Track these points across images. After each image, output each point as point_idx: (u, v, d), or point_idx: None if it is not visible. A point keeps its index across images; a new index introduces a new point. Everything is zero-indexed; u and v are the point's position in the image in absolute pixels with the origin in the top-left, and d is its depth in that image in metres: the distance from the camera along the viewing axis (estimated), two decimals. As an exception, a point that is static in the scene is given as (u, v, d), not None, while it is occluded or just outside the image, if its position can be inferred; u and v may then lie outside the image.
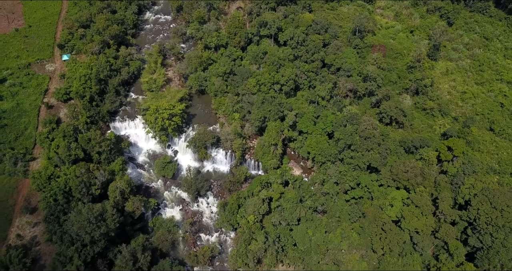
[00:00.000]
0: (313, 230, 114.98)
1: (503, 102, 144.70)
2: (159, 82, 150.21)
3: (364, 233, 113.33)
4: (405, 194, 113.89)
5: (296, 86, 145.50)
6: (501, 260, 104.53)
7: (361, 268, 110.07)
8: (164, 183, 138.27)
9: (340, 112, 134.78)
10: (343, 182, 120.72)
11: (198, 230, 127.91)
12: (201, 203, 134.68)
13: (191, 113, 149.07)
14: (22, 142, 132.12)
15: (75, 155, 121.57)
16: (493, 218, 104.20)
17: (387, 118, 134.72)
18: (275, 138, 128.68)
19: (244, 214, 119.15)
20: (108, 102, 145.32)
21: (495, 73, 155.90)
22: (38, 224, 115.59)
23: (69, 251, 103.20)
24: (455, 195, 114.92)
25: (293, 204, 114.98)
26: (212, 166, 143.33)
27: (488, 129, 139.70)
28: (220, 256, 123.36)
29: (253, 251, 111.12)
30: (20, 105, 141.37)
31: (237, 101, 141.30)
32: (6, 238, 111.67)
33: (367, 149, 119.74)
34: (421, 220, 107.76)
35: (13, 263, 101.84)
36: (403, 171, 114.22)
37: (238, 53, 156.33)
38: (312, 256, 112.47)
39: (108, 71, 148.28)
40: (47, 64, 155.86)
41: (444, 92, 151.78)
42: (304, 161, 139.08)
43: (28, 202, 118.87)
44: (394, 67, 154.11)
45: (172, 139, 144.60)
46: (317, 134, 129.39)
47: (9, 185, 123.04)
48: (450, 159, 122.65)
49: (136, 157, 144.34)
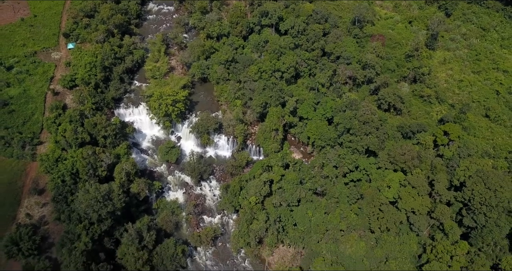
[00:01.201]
0: (313, 211, 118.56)
1: (499, 90, 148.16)
2: (163, 70, 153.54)
3: (362, 213, 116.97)
4: (402, 176, 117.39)
5: (296, 74, 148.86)
6: (494, 238, 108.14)
7: (360, 247, 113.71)
8: (168, 168, 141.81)
9: (340, 99, 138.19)
10: (342, 165, 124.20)
11: (201, 212, 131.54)
12: (204, 186, 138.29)
13: (193, 101, 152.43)
14: (30, 126, 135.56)
15: (82, 139, 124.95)
16: (487, 198, 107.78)
17: (385, 105, 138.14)
18: (276, 123, 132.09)
19: (246, 195, 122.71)
20: (112, 89, 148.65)
21: (491, 62, 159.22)
22: (46, 205, 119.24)
23: (77, 229, 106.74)
24: (451, 177, 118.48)
25: (293, 185, 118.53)
26: (214, 151, 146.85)
27: (484, 116, 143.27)
28: (222, 237, 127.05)
29: (254, 231, 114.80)
30: (27, 91, 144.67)
31: (239, 88, 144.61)
32: (16, 218, 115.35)
33: (365, 133, 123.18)
34: (417, 200, 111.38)
35: (23, 240, 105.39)
36: (400, 154, 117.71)
37: (240, 42, 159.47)
38: (312, 235, 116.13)
39: (113, 59, 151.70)
40: (53, 52, 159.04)
41: (441, 81, 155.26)
42: (304, 146, 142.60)
43: (36, 184, 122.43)
44: (393, 56, 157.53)
45: (175, 125, 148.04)
46: (317, 120, 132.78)
47: (18, 167, 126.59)
48: (446, 143, 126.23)
49: (140, 143, 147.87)
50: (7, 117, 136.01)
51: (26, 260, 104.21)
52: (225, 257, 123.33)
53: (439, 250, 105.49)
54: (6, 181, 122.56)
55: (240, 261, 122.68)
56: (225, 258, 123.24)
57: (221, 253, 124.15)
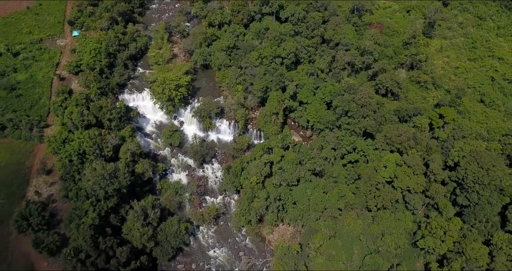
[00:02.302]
0: (312, 190, 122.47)
1: (494, 76, 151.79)
2: (166, 56, 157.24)
3: (360, 192, 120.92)
4: (399, 157, 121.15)
5: (296, 60, 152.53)
6: (487, 215, 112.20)
7: (357, 225, 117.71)
8: (171, 151, 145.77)
9: (338, 84, 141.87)
10: (340, 147, 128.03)
11: (204, 193, 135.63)
12: (206, 169, 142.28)
13: (196, 87, 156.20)
14: (37, 110, 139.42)
15: (88, 121, 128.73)
16: (480, 177, 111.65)
17: (382, 89, 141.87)
18: (276, 107, 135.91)
19: (247, 176, 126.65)
20: (117, 75, 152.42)
21: (487, 50, 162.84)
22: (54, 184, 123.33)
23: (85, 205, 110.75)
24: (445, 158, 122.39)
25: (293, 165, 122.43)
26: (216, 136, 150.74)
27: (478, 101, 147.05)
28: (224, 216, 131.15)
29: (255, 208, 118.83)
30: (34, 77, 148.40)
31: (240, 74, 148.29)
32: (25, 196, 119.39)
33: (363, 116, 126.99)
34: (413, 179, 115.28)
35: (33, 215, 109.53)
36: (396, 135, 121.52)
37: (241, 30, 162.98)
38: (311, 214, 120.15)
39: (117, 46, 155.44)
40: (58, 39, 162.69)
41: (438, 68, 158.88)
42: (304, 130, 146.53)
43: (44, 164, 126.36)
44: (391, 44, 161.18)
45: (178, 110, 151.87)
46: (316, 104, 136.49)
47: (26, 149, 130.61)
48: (441, 126, 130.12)
49: (144, 127, 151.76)
50: (15, 101, 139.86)
51: (35, 235, 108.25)
52: (226, 235, 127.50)
53: (433, 226, 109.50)
54: (15, 161, 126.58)
55: (241, 239, 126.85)
56: (227, 236, 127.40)
57: (223, 231, 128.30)
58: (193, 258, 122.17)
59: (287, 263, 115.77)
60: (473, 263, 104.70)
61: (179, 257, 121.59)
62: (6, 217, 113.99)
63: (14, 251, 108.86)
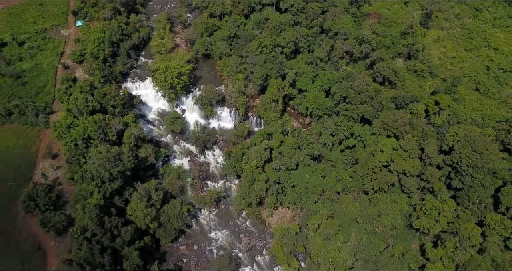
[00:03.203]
0: (310, 174, 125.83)
1: (489, 66, 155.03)
2: (168, 45, 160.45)
3: (357, 176, 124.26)
4: (395, 142, 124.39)
5: (296, 50, 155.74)
6: (480, 197, 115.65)
7: (354, 207, 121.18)
8: (173, 138, 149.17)
9: (337, 72, 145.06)
10: (338, 132, 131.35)
11: (205, 177, 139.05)
12: (207, 155, 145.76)
13: (197, 76, 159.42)
14: (42, 97, 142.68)
15: (92, 107, 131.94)
16: (473, 160, 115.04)
17: (380, 78, 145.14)
18: (276, 94, 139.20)
19: (247, 160, 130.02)
20: (120, 64, 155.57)
21: (483, 40, 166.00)
22: (60, 168, 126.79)
23: (90, 186, 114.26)
24: (440, 143, 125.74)
25: (292, 149, 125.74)
26: (217, 123, 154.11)
27: (474, 89, 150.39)
28: (225, 200, 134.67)
29: (255, 191, 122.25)
30: (39, 65, 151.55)
31: (241, 62, 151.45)
32: (32, 178, 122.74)
33: (360, 102, 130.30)
34: (408, 162, 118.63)
35: (40, 196, 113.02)
36: (393, 120, 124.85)
37: (242, 20, 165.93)
38: (309, 196, 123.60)
39: (120, 35, 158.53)
40: (62, 29, 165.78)
41: (434, 58, 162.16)
42: (303, 118, 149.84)
43: (50, 149, 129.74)
44: (388, 34, 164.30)
45: (180, 98, 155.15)
46: (315, 91, 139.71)
47: (32, 134, 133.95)
48: (437, 112, 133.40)
49: (147, 115, 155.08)
50: (21, 88, 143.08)
51: (43, 215, 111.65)
52: (227, 218, 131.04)
53: (428, 207, 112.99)
54: (21, 146, 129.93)
55: (242, 222, 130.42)
56: (228, 219, 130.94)
57: (224, 214, 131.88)
58: (195, 239, 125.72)
59: (286, 243, 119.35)
60: (466, 242, 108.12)
61: (182, 238, 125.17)
62: (14, 198, 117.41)
63: (22, 231, 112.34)
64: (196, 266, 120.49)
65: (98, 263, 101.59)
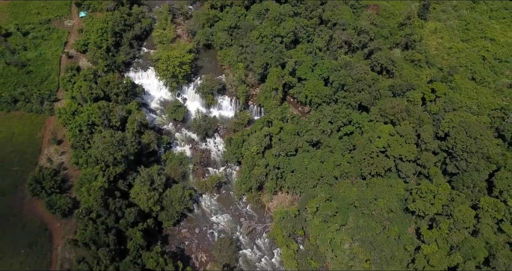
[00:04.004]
0: (309, 160, 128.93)
1: (485, 56, 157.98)
2: (170, 36, 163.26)
3: (355, 161, 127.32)
4: (392, 128, 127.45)
5: (295, 40, 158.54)
6: (474, 180, 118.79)
7: (352, 192, 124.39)
8: (175, 126, 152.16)
9: (336, 61, 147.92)
10: (336, 120, 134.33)
11: (206, 164, 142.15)
12: (208, 142, 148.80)
13: (198, 65, 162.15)
14: (47, 85, 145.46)
15: (96, 94, 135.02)
16: (468, 145, 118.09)
17: (378, 67, 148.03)
18: (276, 83, 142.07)
19: (248, 147, 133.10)
20: (122, 53, 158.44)
21: (479, 32, 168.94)
22: (65, 153, 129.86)
23: (95, 170, 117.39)
24: (436, 129, 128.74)
25: (291, 135, 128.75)
26: (218, 112, 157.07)
27: (470, 79, 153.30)
28: (226, 186, 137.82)
29: (255, 175, 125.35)
30: (43, 55, 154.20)
31: (241, 52, 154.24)
32: (37, 163, 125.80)
33: (358, 90, 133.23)
34: (405, 147, 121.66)
35: (46, 179, 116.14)
36: (390, 107, 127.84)
37: (242, 11, 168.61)
38: (308, 181, 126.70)
39: (123, 26, 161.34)
40: (66, 20, 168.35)
41: (432, 48, 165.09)
42: (302, 106, 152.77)
43: (55, 135, 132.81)
44: (386, 25, 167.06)
45: (181, 87, 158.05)
46: (314, 80, 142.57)
47: (37, 121, 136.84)
48: (433, 99, 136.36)
49: (149, 103, 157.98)
50: (26, 77, 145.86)
51: (48, 198, 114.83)
52: (228, 203, 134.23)
53: (423, 190, 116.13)
54: (27, 132, 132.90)
55: (242, 206, 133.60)
56: (229, 203, 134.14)
57: (224, 199, 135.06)
58: (196, 223, 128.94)
59: (285, 226, 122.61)
60: (460, 224, 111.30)
61: (183, 222, 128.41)
62: (20, 182, 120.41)
63: (29, 213, 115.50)
64: (198, 248, 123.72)
65: (103, 242, 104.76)
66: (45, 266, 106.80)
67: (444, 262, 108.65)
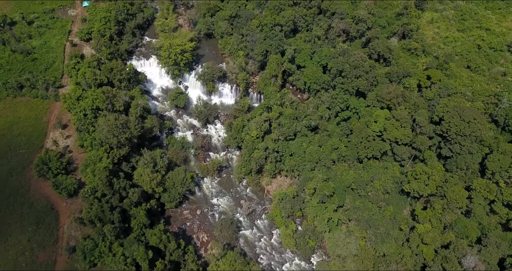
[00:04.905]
0: (307, 144, 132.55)
1: (480, 45, 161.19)
2: (172, 25, 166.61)
3: (352, 145, 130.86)
4: (388, 112, 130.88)
5: (295, 29, 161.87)
6: (467, 163, 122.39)
7: (349, 175, 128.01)
8: (177, 112, 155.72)
9: (334, 49, 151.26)
10: (334, 105, 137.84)
11: (208, 149, 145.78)
12: (209, 128, 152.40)
13: (200, 54, 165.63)
14: (51, 72, 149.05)
15: (100, 80, 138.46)
16: (462, 129, 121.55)
17: (375, 55, 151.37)
18: (275, 69, 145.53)
19: (248, 131, 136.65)
20: (125, 42, 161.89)
21: (475, 22, 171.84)
22: (70, 137, 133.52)
23: (99, 152, 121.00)
24: (431, 114, 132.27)
25: (290, 120, 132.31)
26: (219, 99, 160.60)
27: (465, 67, 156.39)
28: (226, 170, 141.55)
29: (255, 158, 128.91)
30: (47, 43, 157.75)
31: (241, 41, 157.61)
32: (43, 146, 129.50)
33: (355, 76, 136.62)
34: (400, 131, 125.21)
35: (52, 161, 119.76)
36: (387, 92, 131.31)
37: (243, 1, 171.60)
38: (306, 164, 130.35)
39: (125, 15, 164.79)
40: (69, 10, 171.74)
41: (428, 38, 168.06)
42: (301, 93, 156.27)
43: (60, 119, 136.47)
44: (384, 15, 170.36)
45: (183, 75, 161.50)
46: (313, 67, 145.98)
47: (43, 106, 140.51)
48: (429, 86, 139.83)
49: (151, 91, 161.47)
50: (31, 64, 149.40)
51: (55, 178, 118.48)
52: (229, 186, 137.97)
53: (418, 172, 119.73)
54: (33, 116, 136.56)
55: (242, 189, 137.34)
56: (229, 186, 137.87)
57: (225, 182, 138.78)
58: (198, 205, 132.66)
59: (284, 207, 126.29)
60: (453, 203, 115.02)
61: (185, 204, 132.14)
62: (27, 164, 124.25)
63: (36, 193, 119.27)
64: (199, 229, 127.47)
65: (108, 219, 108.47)
66: (52, 243, 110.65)
67: (437, 240, 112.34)
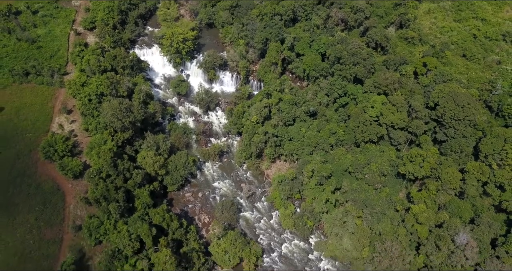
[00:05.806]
0: (306, 129, 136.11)
1: (476, 34, 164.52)
2: (173, 14, 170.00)
3: (349, 129, 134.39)
4: (385, 98, 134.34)
5: (294, 18, 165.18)
6: (461, 146, 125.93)
7: (346, 159, 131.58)
8: (179, 100, 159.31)
9: (332, 37, 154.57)
10: (332, 92, 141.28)
11: (209, 135, 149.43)
12: (211, 115, 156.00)
13: (201, 43, 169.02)
14: (56, 60, 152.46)
15: (104, 67, 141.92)
16: (456, 113, 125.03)
17: (373, 43, 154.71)
18: (275, 57, 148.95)
19: (248, 117, 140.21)
20: (128, 31, 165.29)
21: (471, 12, 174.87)
22: (75, 122, 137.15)
23: (104, 135, 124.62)
24: (427, 100, 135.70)
25: (289, 105, 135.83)
26: (220, 87, 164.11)
27: (461, 55, 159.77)
28: (227, 154, 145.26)
29: (255, 142, 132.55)
30: (52, 32, 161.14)
31: (242, 30, 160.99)
32: (49, 130, 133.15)
33: (353, 63, 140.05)
34: (396, 115, 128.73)
35: (58, 143, 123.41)
36: (383, 79, 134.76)
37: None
38: (305, 148, 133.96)
39: (128, 4, 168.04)
40: (73, 0, 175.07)
41: (425, 28, 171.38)
42: (301, 82, 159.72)
43: (65, 105, 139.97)
44: (382, 5, 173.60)
45: (184, 63, 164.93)
46: (312, 54, 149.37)
47: (48, 92, 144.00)
48: (425, 73, 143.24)
49: (154, 79, 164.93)
50: (36, 52, 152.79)
51: (61, 160, 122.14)
52: (229, 170, 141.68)
53: (413, 154, 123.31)
54: (39, 102, 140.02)
55: (243, 173, 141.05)
56: (230, 170, 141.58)
57: (226, 167, 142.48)
58: (199, 188, 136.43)
59: (283, 189, 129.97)
60: (447, 185, 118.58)
61: (187, 187, 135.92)
62: (33, 147, 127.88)
63: (42, 175, 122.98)
64: (201, 210, 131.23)
65: (113, 198, 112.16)
66: (58, 222, 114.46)
67: (431, 220, 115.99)
